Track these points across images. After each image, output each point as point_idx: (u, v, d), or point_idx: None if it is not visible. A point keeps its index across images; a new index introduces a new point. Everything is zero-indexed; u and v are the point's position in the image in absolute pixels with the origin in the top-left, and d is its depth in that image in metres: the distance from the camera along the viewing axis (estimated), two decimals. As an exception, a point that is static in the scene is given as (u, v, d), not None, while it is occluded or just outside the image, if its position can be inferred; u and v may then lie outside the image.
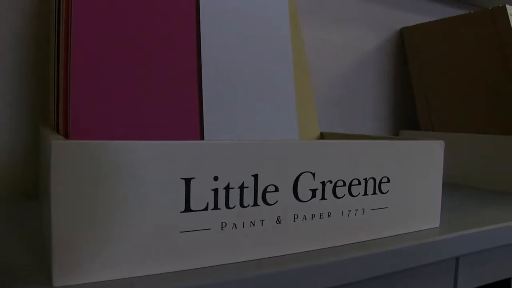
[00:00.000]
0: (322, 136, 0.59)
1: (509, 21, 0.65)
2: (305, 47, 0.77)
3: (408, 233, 0.42)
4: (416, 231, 0.43)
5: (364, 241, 0.39)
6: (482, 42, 0.70)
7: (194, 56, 0.38)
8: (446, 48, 0.76)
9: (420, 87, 0.82)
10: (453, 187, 0.74)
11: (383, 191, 0.40)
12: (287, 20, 0.43)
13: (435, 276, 0.45)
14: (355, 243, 0.39)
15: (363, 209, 0.39)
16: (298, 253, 0.36)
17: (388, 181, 0.40)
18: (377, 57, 0.86)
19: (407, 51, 0.85)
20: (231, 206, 0.33)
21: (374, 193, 0.39)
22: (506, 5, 0.65)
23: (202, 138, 0.39)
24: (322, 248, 0.37)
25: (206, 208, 0.32)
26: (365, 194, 0.39)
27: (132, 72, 0.35)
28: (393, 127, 0.88)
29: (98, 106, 0.34)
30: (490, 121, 0.71)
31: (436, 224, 0.45)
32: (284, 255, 0.35)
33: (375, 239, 0.40)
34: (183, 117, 0.37)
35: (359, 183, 0.38)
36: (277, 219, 0.35)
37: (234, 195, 0.33)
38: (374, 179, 0.39)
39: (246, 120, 0.40)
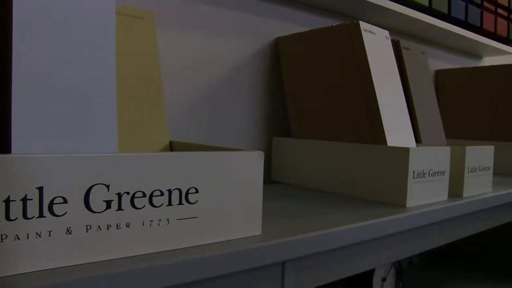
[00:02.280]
0: (171, 145, 0.60)
1: (362, 36, 0.68)
2: (175, 58, 0.77)
3: (221, 242, 0.44)
4: (232, 240, 0.45)
5: (171, 250, 0.41)
6: (341, 55, 0.73)
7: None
8: (312, 58, 0.79)
9: (291, 96, 0.85)
10: (307, 192, 0.78)
11: (191, 201, 0.41)
12: (113, 32, 0.44)
13: (260, 282, 0.47)
14: (160, 252, 0.40)
15: (168, 219, 0.40)
16: (93, 263, 0.37)
17: (197, 191, 0.42)
18: (251, 66, 0.88)
19: (281, 61, 0.88)
20: (12, 218, 0.33)
21: (180, 203, 0.41)
22: (360, 21, 0.69)
23: (9, 151, 0.39)
24: (121, 258, 0.38)
25: (-17, 221, 0.32)
26: (170, 204, 0.40)
27: None
28: (268, 134, 0.91)
29: None
30: (348, 130, 0.74)
31: (258, 232, 0.47)
32: (76, 265, 0.36)
33: (184, 248, 0.42)
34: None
35: (162, 194, 0.40)
36: (67, 230, 0.35)
37: (16, 207, 0.33)
38: (179, 190, 0.41)
39: (60, 133, 0.41)
